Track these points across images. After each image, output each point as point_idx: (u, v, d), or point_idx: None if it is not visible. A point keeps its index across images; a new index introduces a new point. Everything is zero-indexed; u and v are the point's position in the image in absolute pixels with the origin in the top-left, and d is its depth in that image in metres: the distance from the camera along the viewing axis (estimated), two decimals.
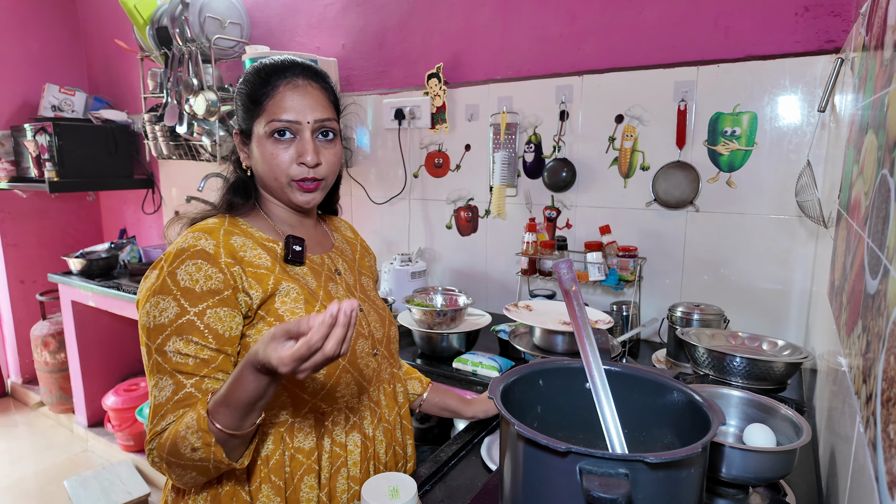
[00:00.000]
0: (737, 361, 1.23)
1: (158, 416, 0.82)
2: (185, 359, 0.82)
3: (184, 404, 0.82)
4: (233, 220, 0.94)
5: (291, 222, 0.99)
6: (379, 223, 2.53)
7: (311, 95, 0.91)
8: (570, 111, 1.97)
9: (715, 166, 1.75)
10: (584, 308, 0.76)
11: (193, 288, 0.83)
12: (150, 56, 2.77)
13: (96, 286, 2.80)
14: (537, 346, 1.58)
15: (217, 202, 0.97)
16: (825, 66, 1.55)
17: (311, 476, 0.91)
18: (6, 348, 3.73)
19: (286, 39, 2.66)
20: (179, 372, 0.82)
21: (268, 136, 0.90)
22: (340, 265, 1.04)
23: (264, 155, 0.90)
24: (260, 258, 0.90)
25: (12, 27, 3.38)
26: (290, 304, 0.89)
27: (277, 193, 0.95)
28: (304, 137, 0.90)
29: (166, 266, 0.84)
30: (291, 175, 0.91)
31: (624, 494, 0.49)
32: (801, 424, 0.84)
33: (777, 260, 1.68)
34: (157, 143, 2.82)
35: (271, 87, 0.90)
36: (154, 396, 0.83)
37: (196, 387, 0.82)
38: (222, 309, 0.84)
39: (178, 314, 0.82)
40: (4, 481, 2.79)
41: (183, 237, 0.88)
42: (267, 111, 0.90)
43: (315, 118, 0.90)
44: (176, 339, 0.82)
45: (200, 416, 0.77)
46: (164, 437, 0.81)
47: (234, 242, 0.88)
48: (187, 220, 0.95)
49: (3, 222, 3.47)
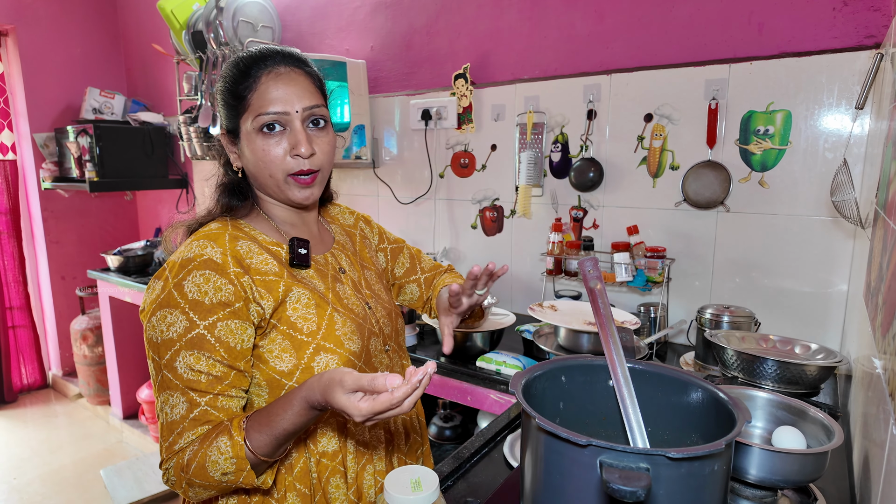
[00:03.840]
0: (767, 364, 1.20)
1: (174, 433, 0.79)
2: (197, 375, 0.78)
3: (201, 422, 0.79)
4: (235, 223, 0.90)
5: (293, 221, 0.96)
6: (405, 223, 2.55)
7: (297, 83, 0.86)
8: (597, 110, 1.95)
9: (747, 166, 1.71)
10: (608, 305, 0.75)
11: (202, 300, 0.79)
12: (186, 59, 2.85)
13: (132, 282, 2.89)
14: (562, 347, 1.57)
15: (212, 207, 0.92)
16: (864, 62, 1.50)
17: (336, 476, 0.90)
18: (48, 342, 3.88)
19: (316, 42, 2.71)
20: (192, 389, 0.78)
21: (257, 131, 0.84)
22: (344, 261, 1.01)
23: (255, 152, 0.85)
24: (266, 264, 0.86)
25: (57, 34, 3.53)
26: (302, 310, 0.86)
27: (274, 191, 0.90)
28: (294, 128, 0.85)
29: (171, 277, 0.80)
30: (287, 169, 0.86)
31: (644, 487, 0.48)
32: (833, 428, 0.82)
33: (811, 262, 1.64)
34: (192, 144, 2.90)
35: (253, 80, 0.84)
36: (166, 414, 0.79)
37: (211, 405, 0.79)
38: (233, 321, 0.80)
39: (188, 328, 0.78)
40: (45, 469, 2.90)
41: (187, 246, 0.83)
42: (252, 105, 0.84)
43: (304, 106, 0.85)
44: (186, 354, 0.78)
45: (236, 442, 0.75)
46: (184, 457, 0.77)
47: (240, 248, 0.85)
48: (185, 226, 0.91)
49: (46, 220, 3.62)
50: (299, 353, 0.85)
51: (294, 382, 0.85)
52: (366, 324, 0.94)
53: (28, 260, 3.74)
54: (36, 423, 3.42)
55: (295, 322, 0.85)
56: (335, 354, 0.86)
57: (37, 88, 3.48)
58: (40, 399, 3.75)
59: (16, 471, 2.89)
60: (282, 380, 0.85)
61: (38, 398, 3.76)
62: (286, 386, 0.85)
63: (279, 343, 0.85)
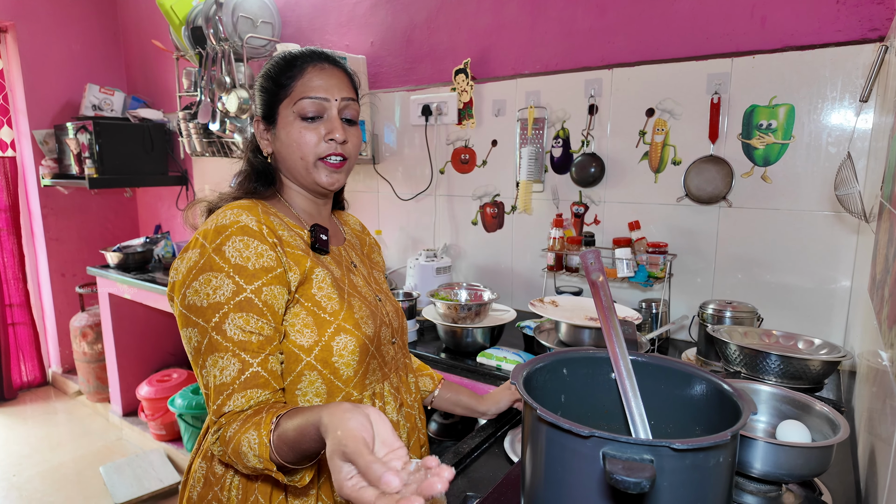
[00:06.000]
0: (771, 359, 1.19)
1: (224, 395, 0.79)
2: (248, 336, 0.80)
3: (251, 385, 0.79)
4: (262, 202, 0.93)
5: (311, 211, 1.00)
6: (405, 219, 2.54)
7: (337, 76, 0.94)
8: (599, 105, 1.94)
9: (749, 160, 1.70)
10: (610, 297, 0.74)
11: (246, 265, 0.81)
12: (185, 55, 2.84)
13: (132, 279, 2.88)
14: (563, 342, 1.56)
15: (236, 189, 0.96)
16: (868, 55, 1.49)
17: None
18: (48, 339, 3.88)
19: (316, 38, 2.70)
20: (244, 350, 0.79)
21: (296, 116, 0.91)
22: (354, 258, 1.05)
23: (291, 134, 0.91)
24: (295, 239, 0.90)
25: (56, 30, 3.52)
26: (327, 289, 0.89)
27: (302, 175, 0.94)
28: (331, 115, 0.92)
29: (209, 243, 0.82)
30: (319, 153, 0.91)
31: (648, 478, 0.47)
32: (839, 422, 0.81)
33: (814, 257, 1.63)
34: (191, 140, 2.89)
35: (298, 70, 0.92)
36: (214, 377, 0.79)
37: (262, 366, 0.80)
38: (276, 287, 0.83)
39: (235, 291, 0.80)
40: (45, 466, 2.89)
41: (219, 215, 0.86)
42: (295, 91, 0.91)
43: (343, 96, 0.93)
44: (235, 316, 0.79)
45: (263, 444, 0.73)
46: (228, 433, 0.77)
47: (272, 221, 0.88)
48: (207, 203, 0.94)
49: (46, 217, 3.61)
50: (321, 330, 0.87)
51: (312, 358, 0.87)
52: (378, 312, 0.98)
53: (28, 257, 3.73)
54: (36, 421, 3.41)
55: (319, 301, 0.88)
56: (353, 336, 0.89)
57: (36, 85, 3.47)
58: (40, 396, 3.74)
59: (15, 468, 2.88)
60: (300, 354, 0.87)
61: (37, 395, 3.75)
62: (304, 361, 0.87)
63: (302, 318, 0.87)
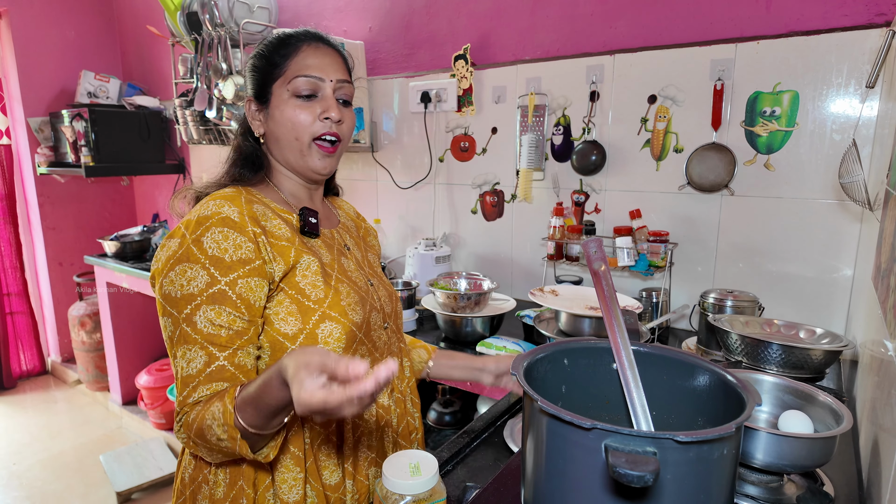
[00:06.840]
0: (772, 349, 1.18)
1: (189, 387, 0.80)
2: (217, 330, 0.80)
3: (216, 378, 0.79)
4: (247, 189, 0.92)
5: (301, 196, 0.98)
6: (404, 208, 2.52)
7: (332, 56, 0.93)
8: (600, 92, 1.91)
9: (752, 148, 1.68)
10: (612, 287, 0.73)
11: (223, 257, 0.80)
12: (181, 42, 2.80)
13: (129, 268, 2.87)
14: (563, 332, 1.56)
15: (222, 176, 0.95)
16: (875, 40, 1.46)
17: (328, 445, 0.90)
18: (46, 328, 3.87)
19: (313, 23, 2.66)
20: (212, 343, 0.80)
21: (291, 95, 0.89)
22: (349, 241, 1.04)
23: (285, 113, 0.89)
24: (279, 229, 0.88)
25: (50, 16, 3.47)
26: (311, 277, 0.88)
27: (295, 157, 0.92)
28: (326, 95, 0.91)
29: (189, 234, 0.82)
30: (314, 132, 0.90)
31: (652, 471, 0.46)
32: (842, 412, 0.80)
33: (817, 246, 1.61)
34: (188, 128, 2.86)
35: (293, 48, 0.91)
36: (181, 368, 0.80)
37: (229, 360, 0.80)
38: (253, 279, 0.82)
39: (209, 283, 0.79)
40: (45, 454, 2.90)
41: (202, 205, 0.85)
42: (290, 69, 0.90)
43: (338, 77, 0.92)
44: (207, 308, 0.79)
45: (227, 410, 0.74)
46: (191, 416, 0.79)
47: (256, 210, 0.87)
48: (194, 191, 0.93)
49: (42, 206, 3.59)
50: (305, 318, 0.86)
51: (297, 346, 0.85)
52: (368, 297, 0.96)
53: (25, 246, 3.72)
54: (35, 409, 3.41)
55: (304, 289, 0.87)
56: (339, 324, 0.87)
57: (31, 72, 3.43)
58: (39, 385, 3.75)
59: (16, 456, 2.89)
60: (285, 342, 0.86)
61: (37, 384, 3.76)
62: (289, 349, 0.85)
63: (286, 306, 0.86)
